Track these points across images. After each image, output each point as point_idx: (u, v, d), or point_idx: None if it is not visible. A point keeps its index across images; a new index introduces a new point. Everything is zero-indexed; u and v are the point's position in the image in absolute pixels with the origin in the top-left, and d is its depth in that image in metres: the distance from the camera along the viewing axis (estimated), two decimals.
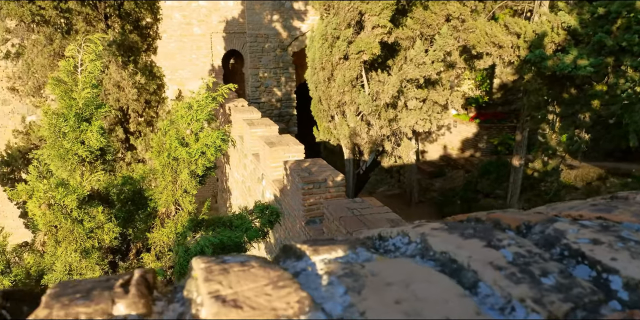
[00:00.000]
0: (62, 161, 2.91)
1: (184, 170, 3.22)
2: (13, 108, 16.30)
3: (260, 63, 20.22)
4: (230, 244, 2.99)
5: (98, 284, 0.50)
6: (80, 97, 2.99)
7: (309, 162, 7.86)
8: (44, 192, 2.59)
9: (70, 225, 2.68)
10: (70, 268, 2.79)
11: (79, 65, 3.13)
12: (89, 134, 2.96)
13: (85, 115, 3.00)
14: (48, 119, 2.94)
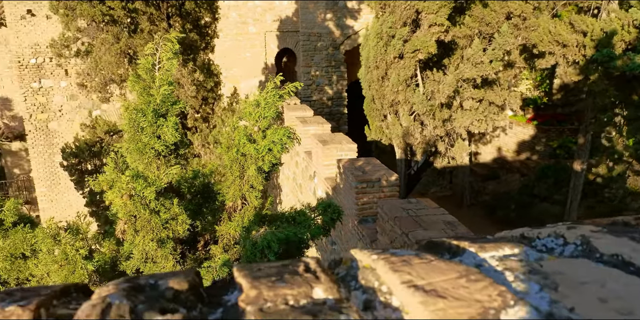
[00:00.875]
0: (140, 154, 3.07)
1: (251, 166, 3.30)
2: (80, 103, 17.28)
3: (313, 61, 20.34)
4: (294, 240, 3.04)
5: (282, 269, 0.52)
6: (157, 93, 3.13)
7: (362, 161, 7.85)
8: (125, 184, 2.74)
9: (148, 215, 2.82)
10: (146, 256, 2.94)
11: (156, 63, 3.28)
12: (164, 129, 3.10)
13: (162, 111, 3.15)
14: (128, 114, 3.10)
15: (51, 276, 2.85)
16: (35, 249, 3.16)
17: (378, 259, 0.50)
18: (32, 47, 17.51)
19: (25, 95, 17.16)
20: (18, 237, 3.16)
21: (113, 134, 11.89)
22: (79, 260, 2.75)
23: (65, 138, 16.95)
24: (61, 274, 2.75)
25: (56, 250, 2.79)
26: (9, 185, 18.88)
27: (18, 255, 3.19)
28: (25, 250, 3.17)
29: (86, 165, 11.35)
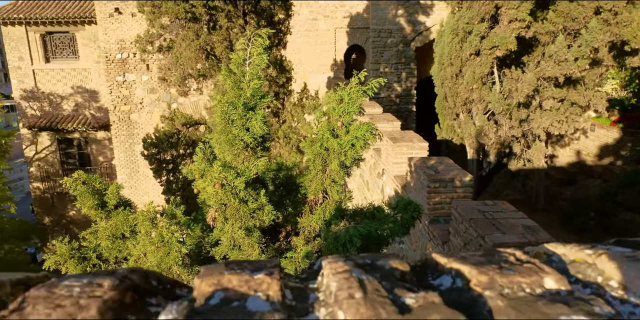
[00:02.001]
0: (230, 146, 3.20)
1: (334, 160, 3.34)
2: (159, 96, 18.27)
3: (382, 58, 20.14)
4: (375, 236, 3.04)
5: (488, 258, 0.53)
6: (247, 87, 3.25)
7: (435, 160, 7.68)
8: (217, 173, 2.87)
9: (237, 204, 2.94)
10: (233, 243, 3.06)
11: (247, 58, 3.40)
12: (253, 122, 3.21)
13: (251, 104, 3.26)
14: (220, 107, 3.24)
15: (147, 256, 3.06)
16: (135, 231, 3.40)
17: (596, 255, 0.49)
18: (118, 43, 18.71)
19: (111, 88, 18.42)
20: (119, 218, 3.43)
21: (189, 126, 12.48)
22: (174, 243, 2.92)
23: (145, 129, 18.04)
24: (157, 255, 2.94)
25: (153, 232, 2.99)
26: (93, 172, 20.36)
27: (118, 236, 3.46)
28: (125, 231, 3.43)
29: (164, 155, 12.02)
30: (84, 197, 3.45)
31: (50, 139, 20.34)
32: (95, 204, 3.45)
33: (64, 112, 20.53)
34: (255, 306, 0.47)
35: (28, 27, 20.29)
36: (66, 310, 0.42)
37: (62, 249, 3.43)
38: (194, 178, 3.45)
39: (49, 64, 20.69)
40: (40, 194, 20.11)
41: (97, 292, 0.47)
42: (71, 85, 20.84)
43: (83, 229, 16.19)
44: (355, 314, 0.42)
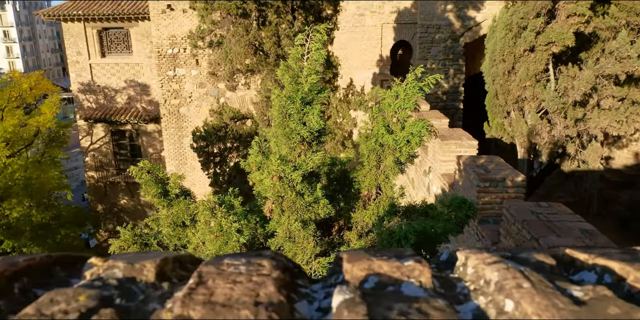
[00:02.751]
0: (287, 139, 3.25)
1: (388, 156, 3.33)
2: (207, 90, 18.72)
3: (429, 54, 19.79)
4: (429, 233, 3.02)
5: (634, 256, 0.53)
6: (305, 82, 3.29)
7: (485, 158, 7.50)
8: (276, 166, 2.93)
9: (294, 197, 3.00)
10: (288, 235, 3.12)
11: (305, 53, 3.44)
12: (310, 116, 3.24)
13: (308, 99, 3.30)
14: (278, 101, 3.30)
15: (206, 245, 3.17)
16: (194, 219, 3.53)
17: None
18: (169, 38, 19.29)
19: (162, 82, 19.04)
20: (180, 207, 3.57)
21: (237, 120, 12.73)
22: (233, 232, 3.01)
23: (193, 122, 18.56)
24: (215, 244, 3.05)
25: (212, 222, 3.09)
26: None
27: (179, 224, 3.60)
28: (185, 219, 3.57)
29: (212, 148, 12.33)
30: (149, 185, 3.61)
31: (105, 130, 21.28)
32: (159, 193, 3.61)
33: (118, 105, 21.41)
34: (411, 291, 0.49)
35: (86, 23, 21.24)
36: (246, 286, 0.45)
37: (126, 235, 3.60)
38: (250, 170, 3.54)
39: (105, 59, 21.59)
40: (94, 183, 21.10)
41: (264, 271, 0.50)
42: (124, 79, 21.69)
43: (132, 217, 17.00)
44: (531, 303, 0.42)
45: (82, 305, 0.42)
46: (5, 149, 14.92)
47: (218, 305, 0.42)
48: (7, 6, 63.26)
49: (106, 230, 21.29)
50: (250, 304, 0.42)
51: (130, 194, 21.08)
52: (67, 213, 18.72)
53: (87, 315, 0.41)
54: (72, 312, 0.41)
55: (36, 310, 0.41)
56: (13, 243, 16.85)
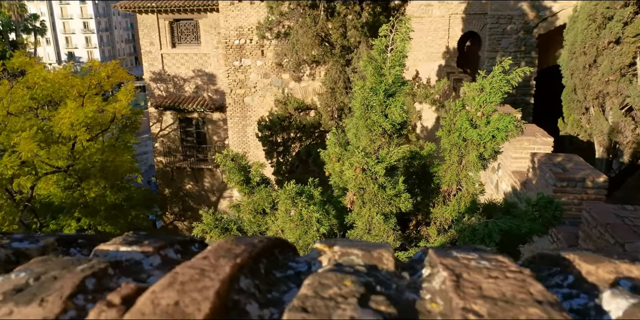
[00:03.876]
0: (368, 131, 3.24)
1: (471, 152, 3.24)
2: (271, 81, 19.02)
3: (500, 46, 18.97)
4: (515, 233, 2.91)
5: None
6: (389, 74, 3.25)
7: (562, 157, 7.12)
8: (360, 158, 2.93)
9: (376, 189, 2.99)
10: (368, 228, 3.13)
11: (389, 44, 3.40)
12: (392, 109, 3.21)
13: (391, 91, 3.26)
14: (360, 93, 3.29)
15: (285, 233, 3.25)
16: (274, 207, 3.63)
17: None
18: (236, 29, 19.74)
19: (228, 72, 19.56)
20: (261, 195, 3.68)
21: (301, 110, 12.88)
22: (314, 222, 3.06)
23: (257, 112, 18.98)
24: (295, 233, 3.11)
25: (292, 210, 3.16)
26: (208, 150, 21.96)
27: (259, 211, 3.71)
28: (266, 207, 3.67)
29: (276, 137, 12.56)
30: (232, 172, 3.74)
31: (173, 117, 22.23)
32: (241, 180, 3.73)
33: (186, 94, 22.26)
34: None
35: (159, 15, 22.17)
36: (508, 282, 0.45)
37: (208, 218, 3.75)
38: (328, 161, 3.57)
39: (175, 49, 22.47)
40: (162, 168, 22.17)
41: (511, 267, 0.49)
42: (192, 68, 22.50)
43: (196, 202, 17.69)
44: None
45: (354, 290, 0.44)
46: (85, 133, 15.97)
47: (498, 300, 0.42)
48: None
49: (172, 213, 22.37)
50: (532, 301, 0.42)
51: (195, 180, 21.97)
52: (138, 195, 19.82)
53: (363, 300, 0.43)
54: (349, 297, 0.42)
55: (314, 293, 0.43)
56: (89, 221, 18.11)
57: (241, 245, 0.54)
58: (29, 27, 52.56)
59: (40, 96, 17.24)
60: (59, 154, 16.04)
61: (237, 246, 0.53)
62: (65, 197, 17.87)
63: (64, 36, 69.14)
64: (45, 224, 17.80)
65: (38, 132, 15.05)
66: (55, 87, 17.79)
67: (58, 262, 0.54)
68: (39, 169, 15.60)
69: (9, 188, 15.80)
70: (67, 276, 0.49)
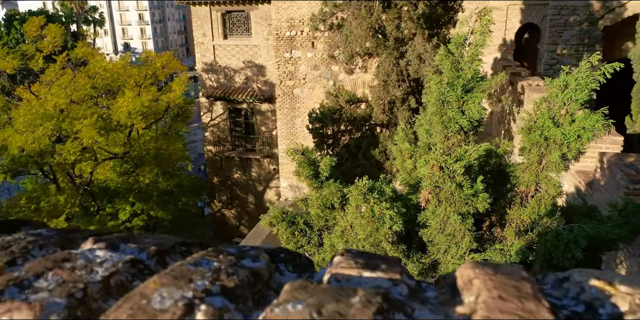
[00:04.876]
0: (443, 128, 3.14)
1: (553, 151, 3.07)
2: (321, 72, 18.99)
3: (561, 38, 18.10)
4: (600, 239, 2.74)
5: None
6: (468, 68, 3.13)
7: (634, 157, 6.69)
8: (437, 155, 2.84)
9: (453, 188, 2.90)
10: (442, 227, 3.04)
11: (468, 37, 3.26)
12: (470, 105, 3.09)
13: (469, 86, 3.14)
14: (436, 88, 3.19)
15: (355, 229, 3.22)
16: (343, 202, 3.61)
17: None
18: (288, 21, 19.80)
19: (279, 64, 19.68)
20: (331, 189, 3.66)
21: (352, 103, 12.79)
22: (387, 220, 3.01)
23: (306, 103, 19.03)
24: (366, 229, 3.07)
25: (363, 207, 3.12)
26: (256, 140, 22.28)
27: (328, 206, 3.71)
28: (335, 202, 3.66)
29: (327, 130, 12.54)
30: (302, 166, 3.74)
31: (223, 108, 22.67)
32: (310, 174, 3.72)
33: (236, 84, 22.62)
34: None
35: (212, 7, 22.54)
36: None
37: (275, 211, 3.78)
38: (396, 157, 3.49)
39: (226, 40, 22.82)
40: (212, 157, 22.71)
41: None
42: (243, 60, 22.80)
43: (244, 191, 18.03)
44: None
45: None
46: (141, 121, 16.57)
47: None
48: None
49: (220, 201, 22.91)
50: None
51: (242, 169, 22.39)
52: (188, 182, 20.42)
53: None
54: None
55: None
56: (142, 206, 18.86)
57: None
58: (88, 18, 54.95)
59: (101, 85, 18.00)
60: (116, 141, 16.73)
61: None
62: (121, 182, 18.67)
63: (120, 27, 71.92)
64: (102, 207, 18.69)
65: (98, 119, 15.74)
66: (114, 77, 18.51)
67: (319, 290, 0.50)
68: (98, 155, 16.35)
69: (70, 172, 16.66)
70: (351, 312, 0.44)
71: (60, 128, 15.22)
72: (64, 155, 15.17)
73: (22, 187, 21.79)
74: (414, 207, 3.39)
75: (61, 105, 16.47)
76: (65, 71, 18.15)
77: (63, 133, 15.81)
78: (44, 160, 15.03)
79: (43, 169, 15.75)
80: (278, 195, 21.59)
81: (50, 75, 17.54)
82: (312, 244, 3.67)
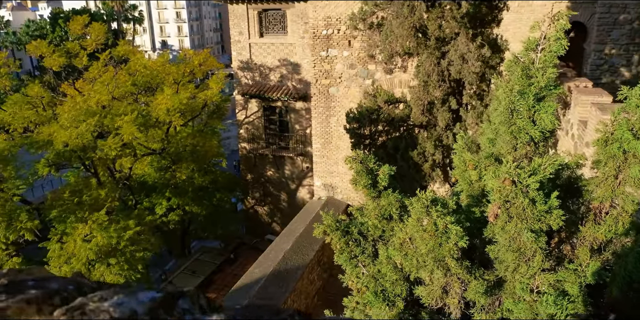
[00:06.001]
0: (512, 138, 2.98)
1: (633, 166, 2.87)
2: (357, 71, 18.82)
3: (609, 37, 17.38)
4: None
5: None
6: (541, 76, 2.95)
7: None
8: (510, 169, 2.69)
9: (526, 204, 2.74)
10: (511, 244, 2.89)
11: (540, 42, 3.09)
12: (542, 115, 2.92)
13: (542, 94, 2.97)
14: (505, 95, 3.02)
15: (415, 242, 3.10)
16: (402, 213, 3.50)
17: None
18: (325, 20, 19.69)
19: (315, 62, 19.61)
20: (389, 200, 3.56)
21: (390, 103, 12.60)
22: (452, 235, 2.88)
23: (341, 102, 18.91)
24: (428, 243, 2.95)
25: (425, 220, 3.00)
26: (290, 138, 22.33)
27: (386, 216, 3.60)
28: (393, 213, 3.55)
29: (364, 130, 12.40)
30: (360, 175, 3.64)
31: (258, 105, 22.81)
32: (368, 184, 3.62)
33: (271, 82, 22.71)
34: None
35: (249, 5, 22.66)
36: None
37: (328, 220, 3.70)
38: (456, 167, 3.35)
39: (262, 39, 22.92)
40: (246, 154, 22.91)
41: None
42: (278, 58, 22.85)
43: (277, 188, 18.09)
44: None
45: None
46: (179, 118, 16.83)
47: None
48: None
49: (253, 197, 23.10)
50: None
51: (276, 167, 22.48)
52: (223, 179, 20.66)
53: None
54: None
55: None
56: (178, 201, 19.19)
57: None
58: (128, 16, 56.36)
59: (140, 82, 18.37)
60: (154, 137, 17.06)
61: None
62: (158, 178, 19.05)
63: (158, 25, 73.55)
64: (140, 201, 19.11)
65: (138, 116, 16.07)
66: (154, 74, 18.87)
67: None
68: (137, 150, 16.71)
69: (110, 167, 17.10)
70: None
71: (102, 124, 15.62)
72: (105, 150, 15.57)
73: (64, 179, 22.55)
74: (476, 220, 3.24)
75: (103, 101, 16.89)
76: (107, 68, 18.62)
77: (105, 129, 16.23)
78: (87, 155, 15.46)
79: (85, 163, 16.22)
80: (311, 194, 21.59)
81: (94, 72, 18.02)
82: (367, 254, 3.57)
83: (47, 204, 15.42)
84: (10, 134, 17.55)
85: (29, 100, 17.66)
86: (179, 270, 19.99)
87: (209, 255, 20.83)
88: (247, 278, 12.96)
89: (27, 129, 17.61)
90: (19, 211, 14.07)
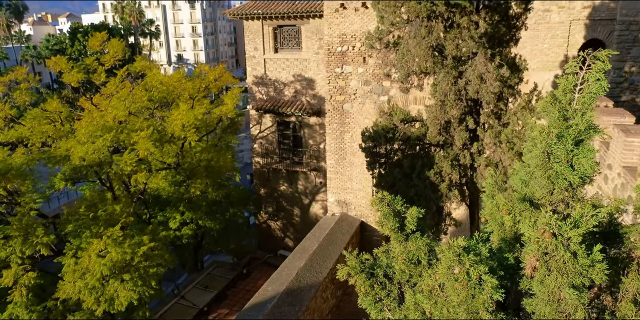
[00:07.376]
0: (549, 183, 2.85)
1: None
2: (371, 88, 18.78)
3: (629, 55, 17.16)
4: None
5: None
6: (580, 118, 2.83)
7: None
8: (549, 220, 2.56)
9: (567, 257, 2.61)
10: (551, 299, 2.74)
11: (578, 83, 2.97)
12: (582, 159, 2.79)
13: (581, 137, 2.84)
14: (542, 139, 2.91)
15: (446, 290, 2.96)
16: (431, 258, 3.37)
17: None
18: (339, 36, 19.76)
19: (329, 78, 19.63)
20: (418, 244, 3.43)
21: (406, 122, 12.48)
22: (487, 287, 2.74)
23: (355, 119, 18.85)
24: (460, 294, 2.81)
25: (457, 268, 2.87)
26: (303, 153, 22.27)
27: (414, 261, 3.47)
28: (422, 258, 3.42)
29: (380, 149, 12.29)
30: (387, 218, 3.53)
31: (272, 120, 22.85)
32: (396, 227, 3.51)
33: (285, 98, 22.77)
34: None
35: (264, 22, 22.86)
36: None
37: (352, 261, 3.57)
38: (485, 206, 3.21)
39: (277, 54, 23.05)
40: (260, 168, 22.87)
41: None
42: (292, 73, 22.93)
43: (290, 203, 17.92)
44: None
45: None
46: (194, 134, 16.88)
47: None
48: (197, 5, 72.17)
49: (266, 212, 22.99)
50: None
51: (289, 182, 22.39)
52: (236, 193, 20.60)
53: None
54: None
55: None
56: (192, 215, 19.16)
57: None
58: (145, 31, 57.34)
59: (157, 98, 18.52)
60: (169, 152, 17.12)
61: None
62: (172, 192, 19.07)
63: (174, 39, 74.73)
64: (154, 215, 19.12)
65: (154, 132, 16.15)
66: (170, 90, 19.02)
67: None
68: (152, 166, 16.77)
69: (125, 181, 17.17)
70: None
71: (118, 139, 15.72)
72: (121, 165, 15.64)
73: (79, 192, 22.65)
74: (510, 267, 3.10)
75: (120, 117, 17.03)
76: (124, 84, 18.82)
77: (121, 144, 16.33)
78: (103, 170, 15.55)
79: (101, 177, 16.30)
80: (324, 210, 21.43)
81: (111, 88, 18.22)
82: (392, 297, 3.43)
83: (62, 218, 15.48)
84: (28, 148, 17.75)
85: (48, 115, 17.88)
86: (191, 285, 19.88)
87: (222, 270, 20.72)
88: (260, 296, 12.80)
89: (45, 144, 17.80)
90: (35, 226, 14.14)
